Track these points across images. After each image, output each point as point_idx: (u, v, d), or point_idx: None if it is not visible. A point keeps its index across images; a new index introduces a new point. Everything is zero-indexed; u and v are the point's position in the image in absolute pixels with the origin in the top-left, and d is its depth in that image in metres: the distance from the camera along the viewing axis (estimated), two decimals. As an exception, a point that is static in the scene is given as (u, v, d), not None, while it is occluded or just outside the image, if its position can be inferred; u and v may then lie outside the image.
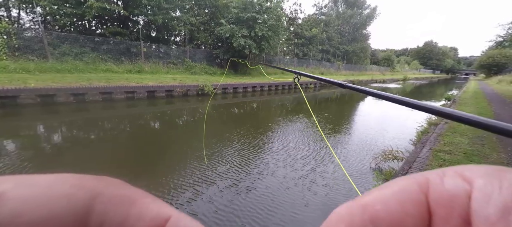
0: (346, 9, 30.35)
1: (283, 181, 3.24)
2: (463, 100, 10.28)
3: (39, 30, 8.79)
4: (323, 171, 3.58)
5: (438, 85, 28.98)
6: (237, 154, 4.05)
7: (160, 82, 9.06)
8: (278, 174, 3.43)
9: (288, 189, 3.05)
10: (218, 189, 2.98)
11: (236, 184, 3.11)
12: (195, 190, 2.93)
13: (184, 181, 3.10)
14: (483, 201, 0.10)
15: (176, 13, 12.34)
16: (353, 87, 1.02)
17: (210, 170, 3.41)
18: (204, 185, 3.04)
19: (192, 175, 3.24)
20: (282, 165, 3.73)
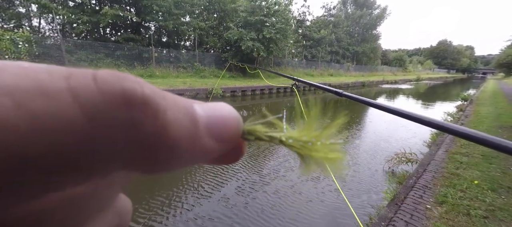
0: (355, 10, 29.92)
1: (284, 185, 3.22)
2: (481, 100, 9.85)
3: (58, 38, 9.25)
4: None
5: (453, 85, 27.89)
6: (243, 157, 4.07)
7: (170, 86, 9.28)
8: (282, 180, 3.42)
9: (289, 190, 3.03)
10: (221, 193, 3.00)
11: (241, 187, 3.12)
12: (196, 195, 2.97)
13: (185, 185, 3.15)
14: None
15: (186, 18, 12.63)
16: (350, 96, 1.02)
17: (212, 173, 3.45)
18: (209, 188, 3.07)
19: (193, 178, 3.29)
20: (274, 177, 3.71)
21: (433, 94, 17.93)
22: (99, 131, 0.09)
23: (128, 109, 0.09)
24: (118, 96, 0.09)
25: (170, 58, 12.31)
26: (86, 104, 0.08)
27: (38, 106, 0.07)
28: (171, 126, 0.10)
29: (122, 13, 9.85)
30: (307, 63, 20.98)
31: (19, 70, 0.08)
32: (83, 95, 0.08)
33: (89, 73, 0.09)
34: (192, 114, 0.12)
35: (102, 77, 0.09)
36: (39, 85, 0.08)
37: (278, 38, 12.69)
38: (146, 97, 0.10)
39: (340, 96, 1.19)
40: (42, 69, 0.08)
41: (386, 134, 5.87)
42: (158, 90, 0.11)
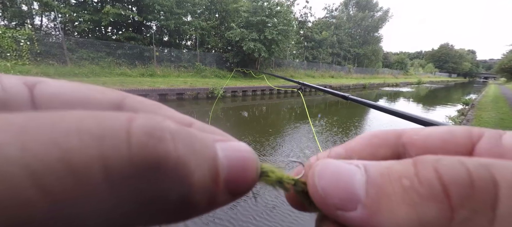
0: (357, 12, 29.89)
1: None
2: (483, 104, 9.80)
3: (59, 36, 9.26)
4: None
5: (454, 89, 27.82)
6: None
7: (171, 85, 9.27)
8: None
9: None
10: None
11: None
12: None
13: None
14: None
15: (188, 18, 12.63)
16: (357, 100, 1.00)
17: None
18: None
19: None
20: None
21: (435, 98, 17.88)
22: (122, 200, 0.08)
23: (157, 177, 0.09)
24: (151, 166, 0.09)
25: (171, 57, 12.31)
26: (114, 176, 0.08)
27: (64, 187, 0.07)
28: (195, 188, 0.10)
29: (123, 12, 9.85)
30: (308, 65, 20.96)
31: (43, 131, 0.07)
32: (114, 166, 0.08)
33: (123, 130, 0.09)
34: (216, 167, 0.11)
35: (138, 139, 0.09)
36: (66, 159, 0.07)
37: (279, 39, 12.68)
38: (179, 161, 0.10)
39: (347, 100, 1.18)
40: (71, 130, 0.08)
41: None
42: (191, 139, 0.11)
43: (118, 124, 0.09)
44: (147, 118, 0.10)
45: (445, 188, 0.09)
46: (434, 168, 0.10)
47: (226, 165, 0.12)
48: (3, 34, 7.68)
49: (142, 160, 0.09)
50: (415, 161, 0.11)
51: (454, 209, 0.09)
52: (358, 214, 0.11)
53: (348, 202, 0.11)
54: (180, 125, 0.11)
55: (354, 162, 0.13)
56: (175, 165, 0.10)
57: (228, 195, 0.12)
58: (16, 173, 0.06)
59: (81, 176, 0.07)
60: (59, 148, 0.07)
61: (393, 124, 7.12)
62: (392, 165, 0.11)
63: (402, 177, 0.11)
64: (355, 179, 0.12)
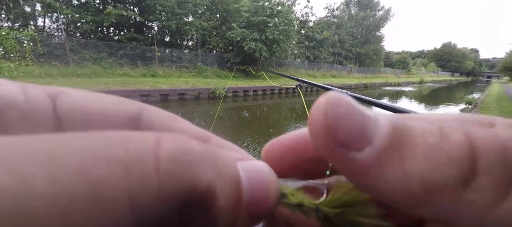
0: (359, 11, 29.79)
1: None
2: (486, 104, 9.73)
3: (62, 37, 9.33)
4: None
5: (457, 88, 27.63)
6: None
7: (173, 86, 9.30)
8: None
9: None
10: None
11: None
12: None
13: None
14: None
15: (189, 18, 12.67)
16: (356, 97, 1.00)
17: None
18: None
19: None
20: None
21: (437, 97, 17.77)
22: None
23: (185, 208, 0.09)
24: (179, 195, 0.09)
25: (173, 57, 12.35)
26: (141, 208, 0.08)
27: (89, 221, 0.07)
28: (220, 214, 0.10)
29: (125, 12, 9.91)
30: (310, 64, 20.93)
31: (73, 159, 0.07)
32: (141, 198, 0.08)
33: (151, 155, 0.08)
34: (239, 191, 0.11)
35: (166, 166, 0.08)
36: (94, 191, 0.07)
37: (281, 39, 12.68)
38: (208, 187, 0.09)
39: None
40: (98, 157, 0.07)
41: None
42: (215, 160, 0.10)
43: (145, 149, 0.08)
44: (173, 140, 0.09)
45: (474, 152, 0.09)
46: (464, 131, 0.10)
47: (248, 188, 0.11)
48: (7, 35, 7.76)
49: (170, 190, 0.08)
50: (440, 125, 0.10)
51: (477, 174, 0.09)
52: (364, 156, 0.10)
53: (356, 140, 0.10)
54: (203, 144, 0.10)
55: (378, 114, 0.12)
56: (203, 192, 0.09)
57: (247, 220, 0.11)
58: (42, 208, 0.06)
59: (108, 211, 0.07)
60: (88, 180, 0.07)
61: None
62: (416, 122, 0.11)
63: (427, 133, 0.10)
64: (371, 119, 0.11)
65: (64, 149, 0.07)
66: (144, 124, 0.14)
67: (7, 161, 0.06)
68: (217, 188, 0.10)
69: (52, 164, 0.07)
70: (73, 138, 0.08)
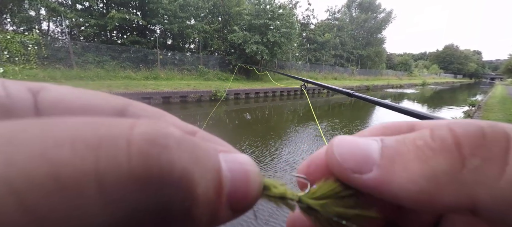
0: (360, 14, 29.82)
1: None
2: (489, 106, 9.65)
3: (66, 41, 9.44)
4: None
5: (460, 90, 27.44)
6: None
7: (175, 88, 9.34)
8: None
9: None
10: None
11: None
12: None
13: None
14: None
15: (191, 21, 12.78)
16: (360, 97, 1.00)
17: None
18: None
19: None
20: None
21: (440, 99, 17.66)
22: (118, 219, 0.08)
23: (159, 192, 0.08)
24: (153, 178, 0.08)
25: (175, 60, 12.43)
26: (111, 192, 0.07)
27: (50, 205, 0.06)
28: (198, 202, 0.10)
29: (128, 16, 10.02)
30: (311, 67, 20.95)
31: (32, 142, 0.07)
32: (111, 181, 0.07)
33: (123, 138, 0.08)
34: (220, 180, 0.11)
35: (139, 147, 0.08)
36: (55, 173, 0.06)
37: (282, 41, 12.72)
38: (184, 173, 0.09)
39: (351, 97, 1.18)
40: (62, 139, 0.07)
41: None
42: (194, 148, 0.10)
43: (117, 131, 0.08)
44: (150, 124, 0.09)
45: (456, 140, 0.10)
46: (448, 127, 0.11)
47: (229, 178, 0.11)
48: (12, 39, 7.87)
49: (143, 172, 0.08)
50: (431, 127, 0.12)
51: (466, 157, 0.10)
52: (373, 175, 0.12)
53: (364, 165, 0.12)
54: (184, 132, 0.10)
55: (369, 137, 0.13)
56: (180, 177, 0.09)
57: (229, 211, 0.11)
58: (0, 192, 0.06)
59: (71, 193, 0.07)
60: (47, 161, 0.07)
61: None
62: (408, 135, 0.12)
63: (417, 139, 0.11)
64: (371, 146, 0.13)
65: (24, 132, 0.07)
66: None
67: None
68: (195, 174, 0.09)
69: (7, 146, 0.06)
70: (37, 122, 0.07)
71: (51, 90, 0.13)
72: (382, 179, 0.11)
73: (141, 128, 0.09)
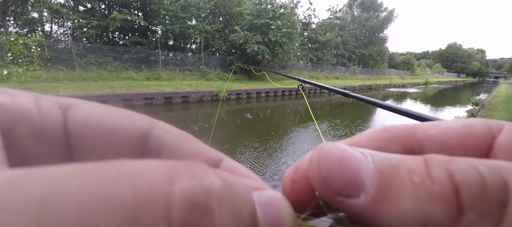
0: (362, 13, 29.68)
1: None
2: (493, 105, 9.55)
3: (68, 42, 9.51)
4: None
5: (463, 89, 27.21)
6: (249, 158, 4.05)
7: (176, 89, 9.37)
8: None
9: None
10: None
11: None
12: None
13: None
14: None
15: (192, 22, 12.81)
16: (358, 97, 0.99)
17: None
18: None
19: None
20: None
21: (443, 98, 17.53)
22: None
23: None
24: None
25: (176, 61, 12.47)
26: None
27: None
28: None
29: (130, 17, 10.07)
30: (313, 66, 20.90)
31: (66, 211, 0.06)
32: None
33: (161, 199, 0.07)
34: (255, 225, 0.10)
35: (180, 214, 0.07)
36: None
37: (283, 41, 12.71)
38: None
39: (348, 97, 1.17)
40: (99, 203, 0.06)
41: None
42: (232, 191, 0.09)
43: (156, 191, 0.07)
44: (189, 176, 0.08)
45: (457, 189, 0.09)
46: (446, 168, 0.10)
47: (264, 223, 0.11)
48: (16, 41, 7.95)
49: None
50: (425, 159, 0.11)
51: (464, 210, 0.09)
52: (360, 202, 0.11)
53: (352, 189, 0.11)
54: (221, 177, 0.09)
55: (359, 149, 0.12)
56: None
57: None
58: None
59: None
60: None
61: (398, 122, 7.00)
62: (402, 159, 0.11)
63: (413, 172, 0.11)
64: (361, 166, 0.11)
65: (59, 193, 0.06)
66: (154, 142, 0.14)
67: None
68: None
69: (42, 216, 0.06)
70: (71, 176, 0.07)
71: (80, 108, 0.13)
72: (369, 208, 0.11)
73: (181, 183, 0.08)
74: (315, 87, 13.71)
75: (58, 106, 0.12)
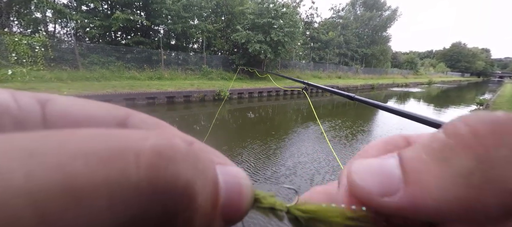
0: (365, 12, 29.46)
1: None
2: (498, 105, 9.43)
3: (72, 42, 9.58)
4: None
5: (467, 89, 26.92)
6: (250, 156, 4.04)
7: (178, 88, 9.39)
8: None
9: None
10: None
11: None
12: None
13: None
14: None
15: (194, 21, 12.82)
16: (362, 100, 0.98)
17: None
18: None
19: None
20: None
21: (446, 98, 17.35)
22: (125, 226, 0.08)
23: (164, 203, 0.09)
24: (159, 190, 0.09)
25: (179, 60, 12.50)
26: (120, 203, 0.08)
27: (66, 215, 0.07)
28: (197, 212, 0.10)
29: (132, 17, 10.11)
30: (315, 65, 20.81)
31: (50, 154, 0.07)
32: (120, 192, 0.08)
33: (132, 152, 0.09)
34: (216, 192, 0.11)
35: (147, 160, 0.09)
36: (70, 185, 0.07)
37: (285, 40, 12.66)
38: (188, 185, 0.10)
39: (352, 100, 1.16)
40: (77, 153, 0.08)
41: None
42: (196, 160, 0.11)
43: (127, 144, 0.09)
44: (157, 136, 0.10)
45: (474, 131, 0.09)
46: (460, 120, 0.10)
47: (225, 190, 0.12)
48: (19, 41, 8.02)
49: (150, 184, 0.08)
50: (444, 126, 0.11)
51: (489, 150, 0.09)
52: (403, 193, 0.11)
53: (389, 185, 0.11)
54: (187, 144, 0.11)
55: (380, 156, 0.13)
56: (183, 188, 0.09)
57: (222, 222, 0.12)
58: (18, 203, 0.06)
59: (84, 205, 0.07)
60: (64, 174, 0.07)
61: (402, 124, 6.96)
62: (421, 139, 0.12)
63: (432, 141, 0.11)
64: (388, 163, 0.12)
65: (43, 145, 0.07)
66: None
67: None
68: (196, 186, 0.10)
69: (29, 159, 0.07)
70: (53, 135, 0.08)
71: (57, 102, 0.13)
72: (414, 195, 0.11)
73: (150, 140, 0.09)
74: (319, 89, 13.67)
75: (36, 101, 0.13)
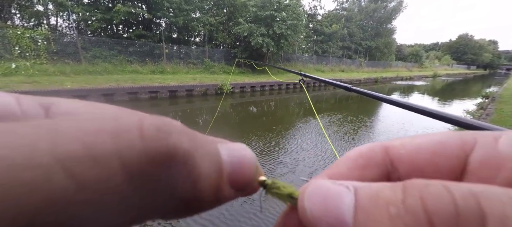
0: (369, 3, 28.83)
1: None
2: (504, 97, 9.28)
3: (74, 36, 9.57)
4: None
5: (473, 82, 26.50)
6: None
7: (181, 82, 9.39)
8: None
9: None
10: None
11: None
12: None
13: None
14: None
15: (196, 14, 12.68)
16: (360, 91, 0.96)
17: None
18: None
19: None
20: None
21: (451, 91, 17.11)
22: (138, 190, 0.10)
23: (168, 168, 0.11)
24: (162, 155, 0.10)
25: (181, 54, 12.45)
26: (131, 167, 0.10)
27: (88, 174, 0.09)
28: (201, 180, 0.12)
29: (134, 9, 10.03)
30: (318, 59, 20.58)
31: (69, 131, 0.09)
32: (129, 158, 0.10)
33: (135, 127, 0.10)
34: (220, 163, 0.13)
35: (149, 133, 0.10)
36: (89, 152, 0.09)
37: (288, 33, 12.49)
38: (187, 153, 0.11)
39: (349, 91, 1.15)
40: (90, 129, 0.09)
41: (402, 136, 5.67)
42: (195, 137, 0.12)
43: (130, 123, 0.10)
44: (155, 117, 0.11)
45: (429, 219, 0.09)
46: (420, 195, 0.10)
47: (229, 161, 0.13)
48: (22, 35, 8.03)
49: (154, 151, 0.10)
50: (404, 186, 0.11)
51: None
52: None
53: (338, 225, 0.11)
54: (187, 129, 0.12)
55: (345, 183, 0.12)
56: (183, 156, 0.11)
57: (231, 190, 0.13)
58: (48, 162, 0.08)
59: (102, 165, 0.09)
60: (82, 144, 0.09)
61: (404, 118, 6.90)
62: (382, 190, 0.11)
63: (390, 204, 0.11)
64: (344, 203, 0.12)
65: (63, 126, 0.09)
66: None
67: (19, 130, 0.08)
68: (196, 156, 0.12)
69: (53, 133, 0.09)
70: (71, 119, 0.10)
71: (61, 105, 0.14)
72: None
73: (149, 120, 0.11)
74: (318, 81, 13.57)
75: (39, 105, 0.13)
